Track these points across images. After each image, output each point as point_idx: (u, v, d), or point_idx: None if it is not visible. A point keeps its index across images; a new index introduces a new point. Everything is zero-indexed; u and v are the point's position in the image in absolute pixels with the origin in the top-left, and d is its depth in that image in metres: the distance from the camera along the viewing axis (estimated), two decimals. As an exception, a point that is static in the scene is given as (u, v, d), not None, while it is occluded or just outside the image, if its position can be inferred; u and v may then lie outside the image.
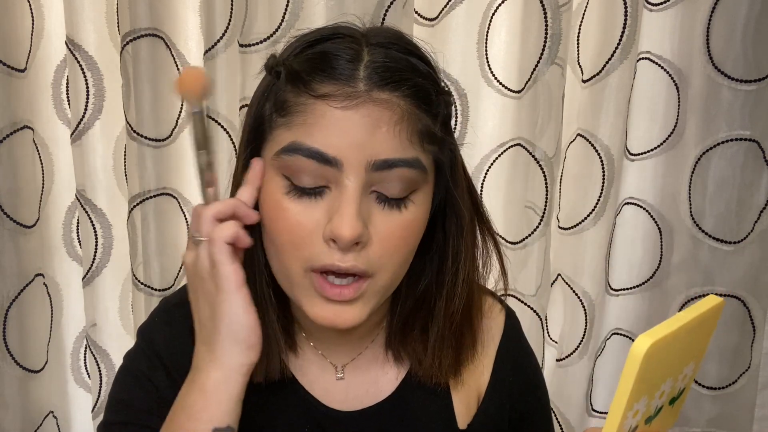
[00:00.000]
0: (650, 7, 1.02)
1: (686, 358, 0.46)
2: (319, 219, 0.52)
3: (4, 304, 1.07)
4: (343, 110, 0.50)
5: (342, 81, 0.51)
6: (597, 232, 1.10)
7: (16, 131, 1.04)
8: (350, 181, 0.51)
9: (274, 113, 0.54)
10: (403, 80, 0.52)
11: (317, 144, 0.51)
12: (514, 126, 1.05)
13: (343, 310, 0.54)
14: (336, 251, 0.52)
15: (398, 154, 0.52)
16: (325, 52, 0.53)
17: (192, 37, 1.06)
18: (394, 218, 0.53)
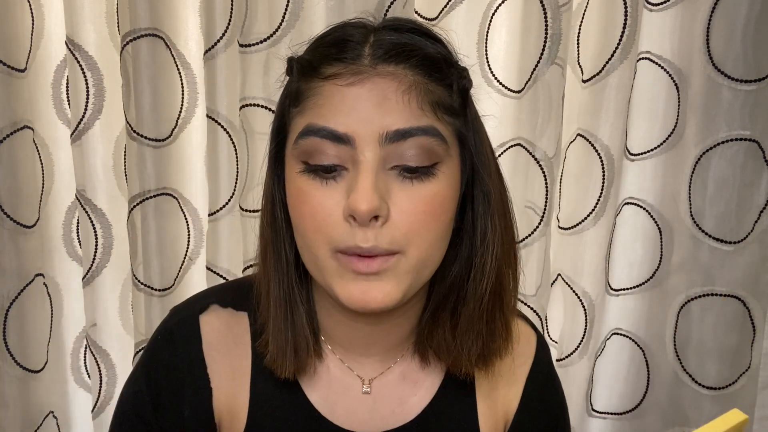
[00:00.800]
0: (650, 7, 1.02)
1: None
2: (339, 199, 0.52)
3: (4, 304, 1.07)
4: (350, 86, 0.51)
5: (348, 61, 0.52)
6: (597, 232, 1.10)
7: (16, 131, 1.04)
8: (364, 157, 0.51)
9: (290, 106, 0.55)
10: (408, 52, 0.52)
11: (329, 123, 0.51)
12: (514, 126, 1.05)
13: (373, 286, 0.52)
14: (357, 230, 0.51)
15: (411, 123, 0.51)
16: (334, 38, 0.55)
17: (192, 37, 1.06)
18: (417, 191, 0.52)
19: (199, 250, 1.14)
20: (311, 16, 1.00)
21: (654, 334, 1.13)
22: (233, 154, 1.08)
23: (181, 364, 0.60)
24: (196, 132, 1.10)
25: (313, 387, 0.61)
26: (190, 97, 1.08)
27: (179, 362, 0.60)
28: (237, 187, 1.09)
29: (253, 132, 1.05)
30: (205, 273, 1.12)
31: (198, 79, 1.08)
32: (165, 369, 0.61)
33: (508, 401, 0.65)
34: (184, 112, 1.08)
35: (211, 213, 1.09)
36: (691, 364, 1.10)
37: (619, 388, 1.16)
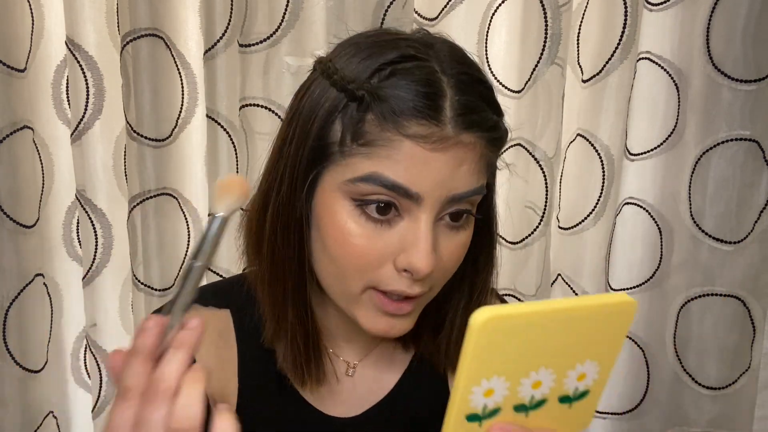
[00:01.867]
0: (650, 7, 1.02)
1: (577, 353, 0.42)
2: (391, 247, 0.53)
3: (4, 304, 1.07)
4: (433, 152, 0.51)
5: (431, 121, 0.50)
6: (597, 232, 1.10)
7: (16, 131, 1.04)
8: (425, 215, 0.52)
9: (351, 140, 0.52)
10: (483, 121, 0.53)
11: (401, 179, 0.51)
12: (514, 126, 1.05)
13: (398, 322, 0.56)
14: (406, 279, 0.53)
15: (472, 186, 0.54)
16: (407, 86, 0.51)
17: (192, 37, 1.06)
18: (455, 241, 0.55)
19: (199, 250, 1.14)
20: (311, 16, 1.00)
21: (654, 334, 1.13)
22: (233, 154, 1.08)
23: None
24: (196, 132, 1.10)
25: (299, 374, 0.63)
26: (190, 97, 1.08)
27: None
28: (237, 187, 1.09)
29: (253, 132, 1.05)
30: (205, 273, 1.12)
31: (198, 79, 1.08)
32: None
33: None
34: (184, 112, 1.08)
35: (211, 213, 1.09)
36: (691, 364, 1.10)
37: (619, 388, 1.16)
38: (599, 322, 0.42)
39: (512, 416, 0.43)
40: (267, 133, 1.05)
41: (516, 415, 0.43)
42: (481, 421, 0.43)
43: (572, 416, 0.45)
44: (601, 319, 0.42)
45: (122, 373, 0.41)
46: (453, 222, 0.54)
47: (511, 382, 0.42)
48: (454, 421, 0.42)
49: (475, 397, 0.41)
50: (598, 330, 0.42)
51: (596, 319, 0.42)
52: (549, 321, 0.40)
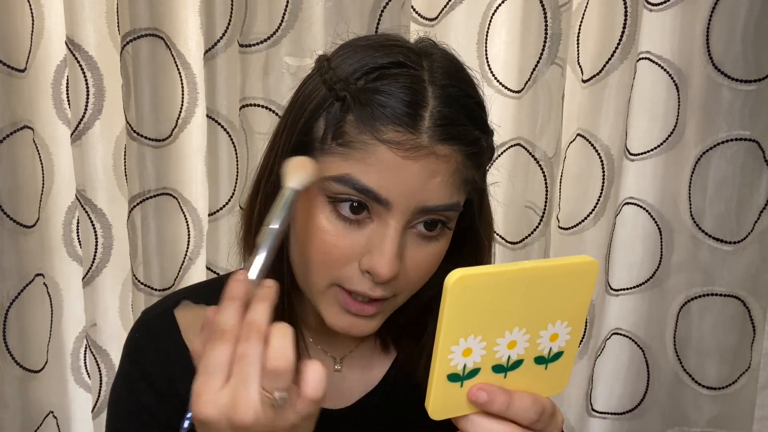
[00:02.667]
0: (650, 7, 1.02)
1: (547, 313, 0.45)
2: (357, 247, 0.53)
3: (4, 304, 1.07)
4: (405, 159, 0.51)
5: (407, 128, 0.51)
6: (597, 232, 1.10)
7: (16, 131, 1.04)
8: (394, 222, 0.52)
9: (331, 139, 0.53)
10: (463, 135, 0.53)
11: (372, 184, 0.51)
12: (514, 126, 1.05)
13: (360, 322, 0.56)
14: (368, 281, 0.53)
15: (444, 200, 0.53)
16: (391, 92, 0.52)
17: (192, 37, 1.06)
18: (425, 251, 0.55)
19: (199, 250, 1.14)
20: (311, 16, 1.00)
21: (654, 334, 1.13)
22: (233, 154, 1.08)
23: (167, 350, 0.62)
24: (196, 132, 1.10)
25: None
26: (190, 97, 1.08)
27: (164, 348, 0.62)
28: (237, 187, 1.09)
29: (253, 132, 1.05)
30: (205, 273, 1.12)
31: (198, 79, 1.08)
32: (153, 358, 0.62)
33: None
34: (184, 112, 1.08)
35: (211, 213, 1.09)
36: (691, 364, 1.10)
37: (619, 388, 1.16)
38: (565, 282, 0.44)
39: (491, 377, 0.45)
40: (267, 133, 1.05)
41: (495, 376, 0.45)
42: (462, 382, 0.44)
43: (548, 378, 0.47)
44: (566, 278, 0.44)
45: (217, 318, 0.44)
46: (426, 231, 0.54)
47: (487, 342, 0.43)
48: (436, 381, 0.43)
49: (455, 357, 0.43)
50: (565, 289, 0.44)
51: (562, 279, 0.44)
52: (518, 280, 0.42)
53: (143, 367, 0.62)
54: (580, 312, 0.46)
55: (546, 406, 0.46)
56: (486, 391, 0.44)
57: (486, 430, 0.45)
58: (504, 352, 0.45)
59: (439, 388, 0.44)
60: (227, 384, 0.42)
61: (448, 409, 0.45)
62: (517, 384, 0.46)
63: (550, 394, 0.48)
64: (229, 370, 0.42)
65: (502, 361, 0.45)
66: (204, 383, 0.42)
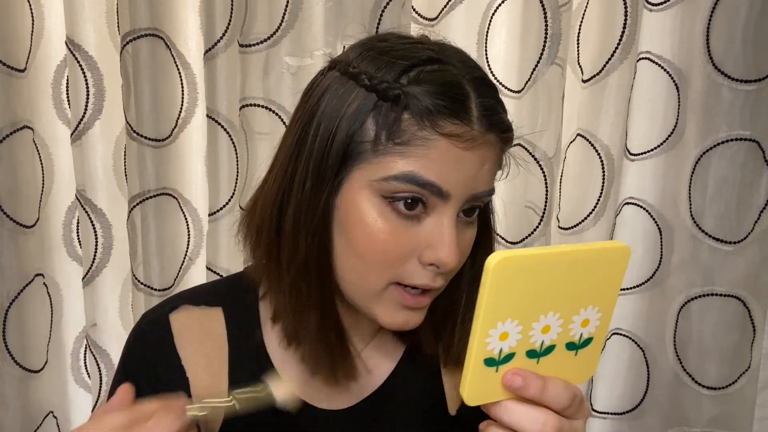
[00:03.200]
0: (650, 7, 1.02)
1: (580, 298, 0.45)
2: (416, 242, 0.54)
3: (4, 304, 1.07)
4: (464, 150, 0.53)
5: (463, 121, 0.53)
6: (597, 232, 1.10)
7: (16, 131, 1.04)
8: (451, 211, 0.54)
9: (386, 139, 0.53)
10: (501, 122, 0.56)
11: (435, 178, 0.53)
12: (514, 126, 1.05)
13: (413, 315, 0.58)
14: (431, 273, 0.55)
15: (488, 186, 0.57)
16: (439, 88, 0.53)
17: (192, 37, 1.06)
18: (468, 235, 0.58)
19: (199, 250, 1.14)
20: (311, 16, 1.00)
21: (654, 334, 1.13)
22: (233, 154, 1.08)
23: (155, 359, 0.63)
24: (196, 132, 1.10)
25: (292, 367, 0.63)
26: (190, 97, 1.08)
27: (153, 356, 0.63)
28: (237, 187, 1.09)
29: (253, 132, 1.05)
30: (205, 273, 1.12)
31: (198, 79, 1.08)
32: (140, 364, 0.63)
33: None
34: (184, 112, 1.08)
35: (211, 213, 1.09)
36: (691, 364, 1.10)
37: (619, 388, 1.16)
38: (599, 266, 0.45)
39: (525, 362, 0.45)
40: (267, 133, 1.05)
41: (528, 362, 0.46)
42: (497, 367, 0.45)
43: (578, 364, 0.48)
44: (600, 262, 0.45)
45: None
46: (466, 218, 0.56)
47: (524, 326, 0.44)
48: (473, 365, 0.44)
49: (492, 341, 0.43)
50: (599, 274, 0.45)
51: (596, 263, 0.45)
52: (556, 263, 0.43)
53: (130, 370, 0.63)
54: (611, 298, 0.47)
55: (576, 392, 0.47)
56: (521, 376, 0.45)
57: (520, 415, 0.45)
58: (538, 337, 0.45)
59: (476, 373, 0.44)
60: None
61: (482, 395, 0.45)
62: (549, 370, 0.46)
63: (579, 382, 0.48)
64: None
65: (536, 346, 0.45)
66: None
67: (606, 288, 0.46)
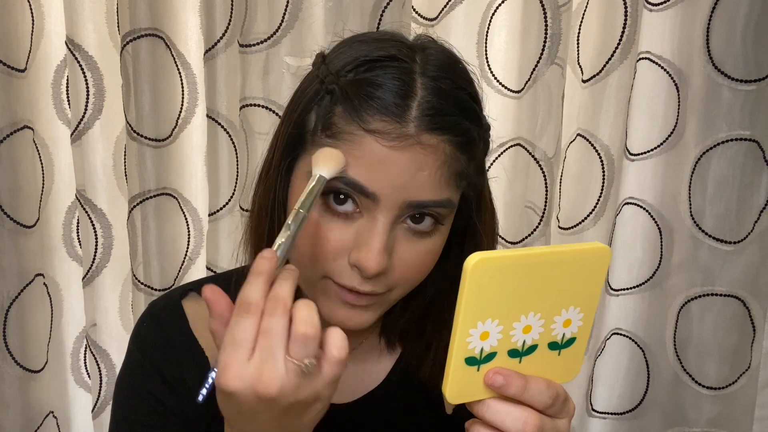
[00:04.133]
0: (650, 7, 1.02)
1: (561, 299, 0.45)
2: (347, 241, 0.53)
3: (4, 304, 1.07)
4: (391, 149, 0.50)
5: (393, 118, 0.50)
6: (597, 232, 1.10)
7: (16, 131, 1.04)
8: (382, 216, 0.51)
9: (321, 131, 0.53)
10: (451, 125, 0.52)
11: (359, 177, 0.51)
12: (514, 126, 1.05)
13: (355, 314, 0.55)
14: (357, 276, 0.53)
15: (434, 196, 0.52)
16: (379, 83, 0.51)
17: (192, 37, 1.06)
18: (418, 248, 0.54)
19: (199, 250, 1.14)
20: (311, 16, 1.00)
21: (654, 334, 1.13)
22: (233, 154, 1.08)
23: (174, 340, 0.62)
24: (196, 132, 1.10)
25: None
26: (190, 97, 1.08)
27: (172, 338, 0.62)
28: (237, 187, 1.09)
29: (253, 132, 1.05)
30: (205, 273, 1.12)
31: (198, 79, 1.08)
32: (161, 347, 0.62)
33: None
34: (184, 112, 1.08)
35: (211, 213, 1.09)
36: (691, 364, 1.10)
37: (619, 388, 1.16)
38: (579, 267, 0.45)
39: (507, 362, 0.46)
40: (267, 133, 1.05)
41: (510, 361, 0.46)
42: (479, 366, 0.45)
43: (561, 364, 0.48)
44: (580, 263, 0.45)
45: (243, 291, 0.44)
46: (414, 225, 0.53)
47: (504, 326, 0.44)
48: (454, 364, 0.44)
49: (473, 340, 0.44)
50: (579, 275, 0.45)
51: (576, 264, 0.45)
52: (535, 264, 0.43)
53: (152, 356, 0.62)
54: (592, 298, 0.47)
55: (560, 391, 0.46)
56: (502, 375, 0.45)
57: (502, 414, 0.45)
58: (519, 337, 0.45)
59: (457, 372, 0.44)
60: (253, 356, 0.42)
61: (464, 394, 0.46)
62: (532, 369, 0.46)
63: (563, 381, 0.48)
64: (254, 343, 0.43)
65: (518, 345, 0.46)
66: (229, 356, 0.43)
67: (587, 289, 0.46)
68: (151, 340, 0.63)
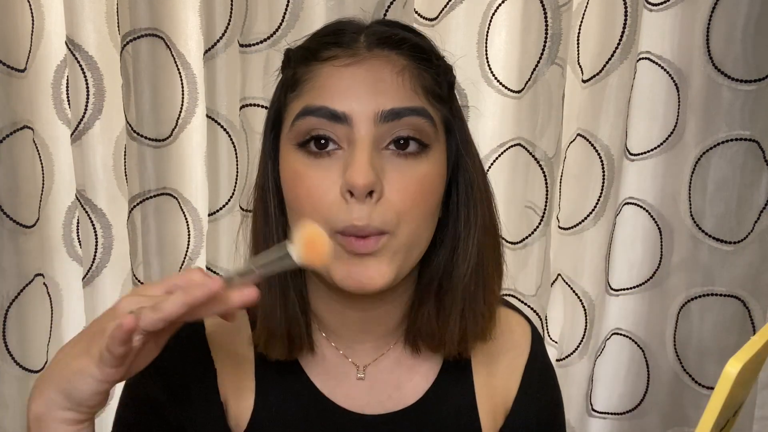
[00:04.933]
0: (650, 7, 1.02)
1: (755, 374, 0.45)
2: (335, 178, 0.53)
3: (4, 304, 1.07)
4: (347, 67, 0.54)
5: (344, 45, 0.55)
6: (597, 232, 1.10)
7: (16, 131, 1.04)
8: (360, 134, 0.53)
9: (286, 93, 0.57)
10: (400, 40, 0.56)
11: (326, 102, 0.53)
12: (514, 126, 1.05)
13: (369, 266, 0.54)
14: (354, 206, 0.52)
15: (404, 103, 0.54)
16: (329, 29, 0.58)
17: (192, 37, 1.06)
18: (409, 171, 0.54)
19: (199, 250, 1.14)
20: (311, 16, 1.00)
21: (654, 334, 1.13)
22: (233, 154, 1.08)
23: (187, 348, 0.62)
24: (196, 132, 1.10)
25: (313, 372, 0.63)
26: (190, 97, 1.08)
27: (185, 346, 0.62)
28: (237, 187, 1.09)
29: (253, 132, 1.05)
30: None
31: (198, 79, 1.08)
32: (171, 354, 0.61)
33: (507, 390, 0.67)
34: (184, 112, 1.08)
35: (211, 213, 1.09)
36: (691, 364, 1.10)
37: (619, 388, 1.16)
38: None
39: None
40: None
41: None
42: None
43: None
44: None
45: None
46: (399, 150, 0.54)
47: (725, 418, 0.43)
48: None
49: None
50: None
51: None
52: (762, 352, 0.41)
53: (161, 362, 0.61)
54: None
55: None
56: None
57: None
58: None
59: None
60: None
61: None
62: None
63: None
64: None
65: None
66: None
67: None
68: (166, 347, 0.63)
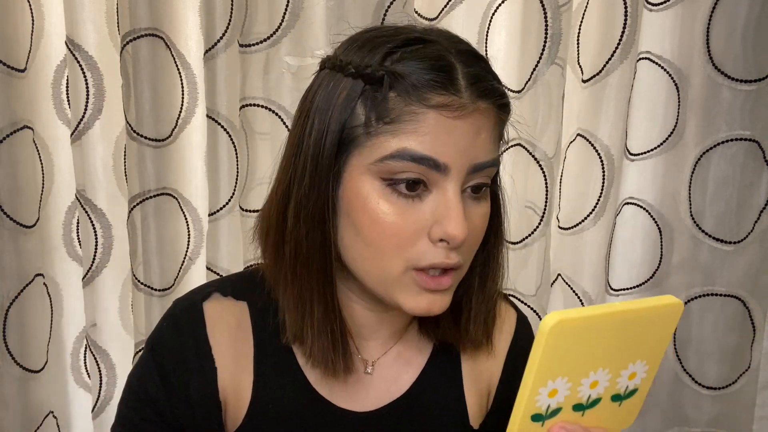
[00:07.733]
0: (650, 7, 1.02)
1: (630, 353, 0.46)
2: (424, 221, 0.55)
3: (4, 304, 1.07)
4: (455, 120, 0.53)
5: (449, 91, 0.53)
6: (597, 232, 1.10)
7: (16, 131, 1.04)
8: (452, 186, 0.54)
9: (376, 120, 0.54)
10: (494, 90, 0.56)
11: (429, 151, 0.53)
12: (514, 126, 1.05)
13: (437, 299, 0.57)
14: (443, 250, 0.55)
15: (489, 156, 0.56)
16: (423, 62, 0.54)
17: (192, 37, 1.06)
18: (479, 212, 0.57)
19: (199, 250, 1.14)
20: (311, 16, 1.00)
21: (654, 334, 1.13)
22: (233, 154, 1.08)
23: (186, 345, 0.62)
24: (196, 132, 1.10)
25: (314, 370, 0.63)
26: (190, 97, 1.08)
27: (185, 343, 0.62)
28: (237, 187, 1.09)
29: (253, 132, 1.05)
30: (205, 273, 1.12)
31: (198, 79, 1.08)
32: (171, 350, 0.63)
33: (490, 374, 0.69)
34: (184, 112, 1.08)
35: (211, 213, 1.09)
36: (691, 364, 1.10)
37: (619, 388, 1.16)
38: (650, 323, 0.45)
39: (571, 415, 0.47)
40: (267, 133, 1.05)
41: (574, 414, 0.47)
42: (543, 421, 0.46)
43: (621, 413, 0.49)
44: (651, 319, 0.45)
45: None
46: (474, 194, 0.57)
47: (573, 383, 0.45)
48: (520, 421, 0.45)
49: (541, 398, 0.44)
50: (649, 330, 0.46)
51: (648, 320, 0.45)
52: (610, 323, 0.44)
53: (161, 358, 0.63)
54: (659, 351, 0.47)
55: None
56: (567, 430, 0.46)
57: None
58: (586, 392, 0.46)
59: (522, 429, 0.45)
60: None
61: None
62: (593, 420, 0.47)
63: (620, 429, 0.49)
64: None
65: (583, 400, 0.46)
66: None
67: (656, 342, 0.47)
68: (164, 342, 0.64)
